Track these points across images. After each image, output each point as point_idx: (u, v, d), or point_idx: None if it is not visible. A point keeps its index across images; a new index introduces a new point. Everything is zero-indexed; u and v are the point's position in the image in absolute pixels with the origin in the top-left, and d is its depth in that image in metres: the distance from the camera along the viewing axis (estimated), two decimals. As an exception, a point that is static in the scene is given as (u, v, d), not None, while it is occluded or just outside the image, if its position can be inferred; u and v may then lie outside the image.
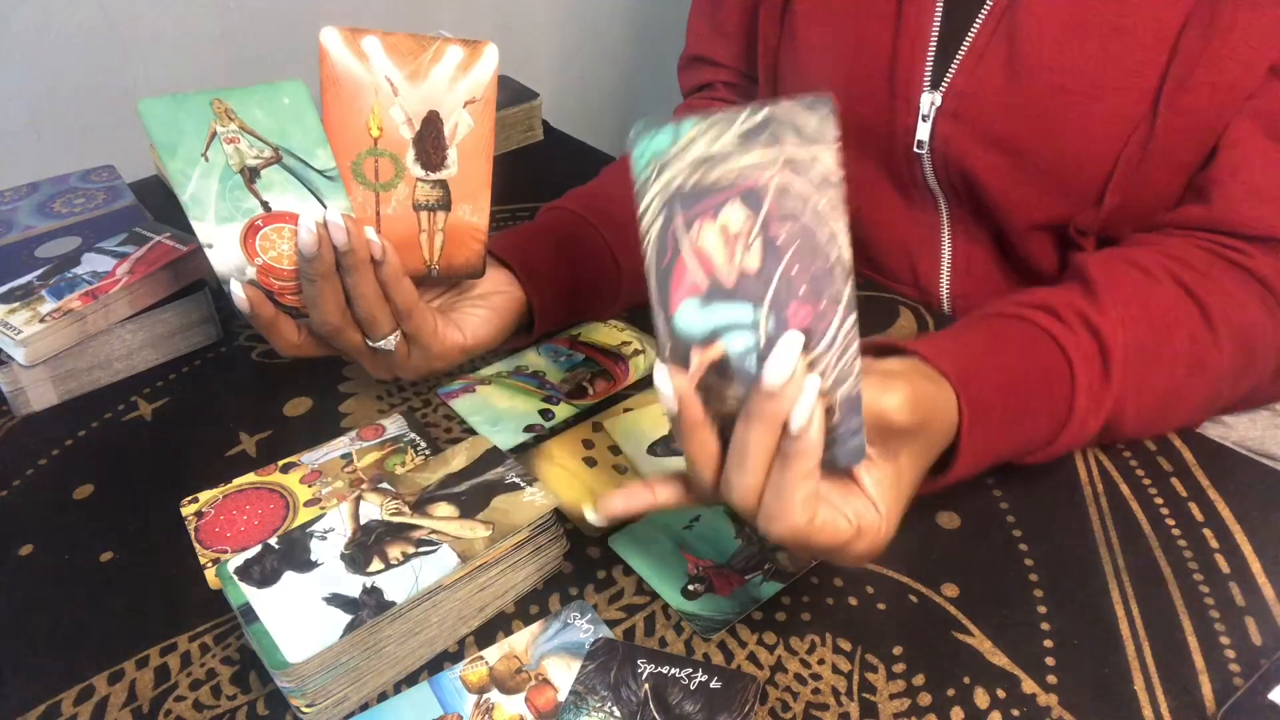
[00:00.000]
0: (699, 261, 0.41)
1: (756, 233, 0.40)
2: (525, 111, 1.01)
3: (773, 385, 0.40)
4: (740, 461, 0.42)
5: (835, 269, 0.40)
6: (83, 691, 0.50)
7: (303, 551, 0.50)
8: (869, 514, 0.45)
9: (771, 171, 0.39)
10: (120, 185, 0.89)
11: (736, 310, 0.41)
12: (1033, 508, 0.57)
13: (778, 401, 0.40)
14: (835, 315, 0.40)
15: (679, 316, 0.42)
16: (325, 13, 1.27)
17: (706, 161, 0.40)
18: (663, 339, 0.42)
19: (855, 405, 0.42)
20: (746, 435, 0.41)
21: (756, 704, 0.46)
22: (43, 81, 1.11)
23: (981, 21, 0.63)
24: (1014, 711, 0.46)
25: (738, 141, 0.39)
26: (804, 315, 0.40)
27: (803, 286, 0.40)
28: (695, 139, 0.40)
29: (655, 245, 0.41)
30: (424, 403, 0.67)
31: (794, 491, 0.41)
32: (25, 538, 0.59)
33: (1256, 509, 0.56)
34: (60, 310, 0.67)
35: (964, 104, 0.65)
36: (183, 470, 0.63)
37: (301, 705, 0.46)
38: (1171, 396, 0.58)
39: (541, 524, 0.52)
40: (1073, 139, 0.61)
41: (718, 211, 0.40)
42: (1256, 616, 0.50)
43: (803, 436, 0.40)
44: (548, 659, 0.49)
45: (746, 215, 0.40)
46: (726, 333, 0.42)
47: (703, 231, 0.41)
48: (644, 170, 0.41)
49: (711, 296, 0.41)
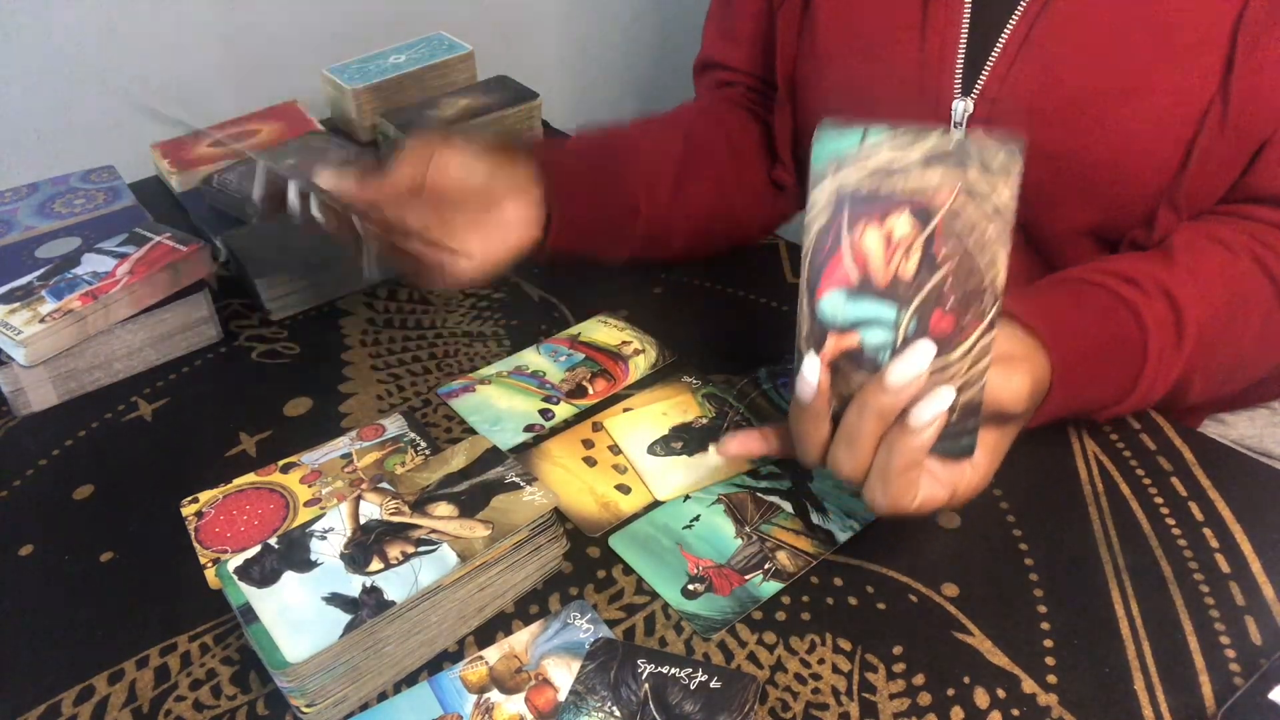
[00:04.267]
0: (855, 257, 0.44)
1: (919, 245, 0.42)
2: (525, 111, 1.01)
3: (895, 384, 0.43)
4: (850, 442, 0.46)
5: (987, 292, 0.42)
6: (83, 691, 0.50)
7: (302, 551, 0.50)
8: (965, 475, 0.48)
9: (947, 194, 0.42)
10: (120, 185, 0.89)
11: (881, 308, 0.44)
12: (1033, 508, 0.57)
13: (894, 398, 0.44)
14: (976, 331, 0.43)
15: (824, 302, 0.45)
16: (325, 13, 1.27)
17: (886, 172, 0.42)
18: (803, 320, 0.46)
19: (975, 409, 0.45)
20: (860, 421, 0.45)
21: (756, 704, 0.46)
22: (43, 81, 1.11)
23: (1014, 26, 0.62)
24: (1014, 711, 0.46)
25: (922, 160, 0.42)
26: (946, 324, 0.43)
27: (951, 299, 0.43)
28: (879, 147, 0.42)
29: (816, 236, 0.44)
30: (424, 403, 0.67)
31: (899, 476, 0.45)
32: (25, 538, 0.59)
33: (1256, 509, 0.56)
34: (60, 310, 0.67)
35: (997, 110, 0.63)
36: (183, 470, 0.63)
37: (301, 705, 0.46)
38: (1236, 369, 0.61)
39: (541, 524, 0.52)
40: (1113, 143, 0.60)
41: (885, 217, 0.43)
42: (1256, 616, 0.50)
43: (919, 433, 0.44)
44: (548, 659, 0.49)
45: (913, 226, 0.42)
46: (866, 326, 0.44)
47: (866, 232, 0.43)
48: (822, 166, 0.43)
49: (861, 291, 0.44)
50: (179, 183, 0.93)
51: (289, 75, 1.26)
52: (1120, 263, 0.59)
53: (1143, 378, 0.56)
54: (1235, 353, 0.59)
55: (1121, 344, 0.56)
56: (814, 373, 0.46)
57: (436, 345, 0.73)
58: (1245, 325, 0.58)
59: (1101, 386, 0.56)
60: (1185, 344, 0.56)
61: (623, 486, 0.60)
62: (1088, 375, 0.54)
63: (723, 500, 0.58)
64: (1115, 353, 0.56)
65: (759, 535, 0.56)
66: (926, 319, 0.43)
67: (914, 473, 0.46)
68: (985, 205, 0.42)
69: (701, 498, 0.58)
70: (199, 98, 1.22)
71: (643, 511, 0.58)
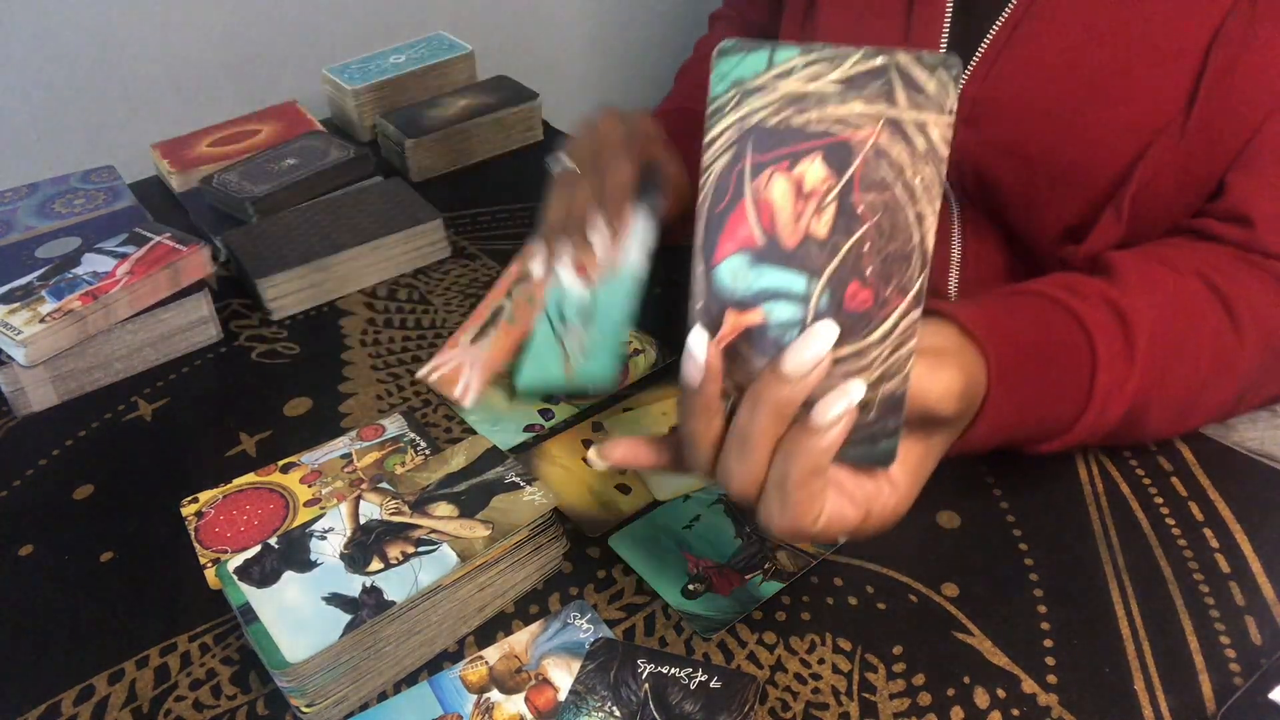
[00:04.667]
0: (760, 213, 0.36)
1: (834, 196, 0.36)
2: (525, 111, 1.01)
3: (792, 372, 0.36)
4: (741, 447, 0.39)
5: (913, 255, 0.36)
6: (83, 691, 0.50)
7: (302, 551, 0.50)
8: (882, 494, 0.42)
9: (870, 129, 0.35)
10: (120, 185, 0.89)
11: (789, 277, 0.37)
12: (1033, 508, 0.57)
13: (792, 390, 0.37)
14: (899, 306, 0.36)
15: (722, 269, 0.37)
16: (324, 13, 1.27)
17: (799, 100, 0.35)
18: (697, 293, 0.38)
19: (897, 405, 0.38)
20: (751, 420, 0.38)
21: (756, 704, 0.46)
22: (43, 81, 1.11)
23: (998, 28, 0.63)
24: (1014, 711, 0.46)
25: (841, 85, 0.35)
26: (863, 299, 0.36)
27: (870, 267, 0.36)
28: (792, 70, 0.35)
29: (714, 184, 0.37)
30: (424, 403, 0.67)
31: (798, 488, 0.38)
32: (25, 538, 0.59)
33: (1256, 509, 0.56)
34: (60, 310, 0.67)
35: (979, 110, 0.64)
36: (183, 470, 0.63)
37: (301, 705, 0.46)
38: (1196, 392, 0.56)
39: (541, 524, 0.52)
40: (1086, 148, 0.61)
41: (795, 163, 0.36)
42: (1256, 616, 0.50)
43: (823, 434, 0.37)
44: (548, 659, 0.49)
45: (827, 174, 0.35)
46: (771, 300, 0.37)
47: (773, 180, 0.36)
48: (722, 95, 0.36)
49: (765, 256, 0.37)
50: (179, 183, 0.93)
51: (289, 75, 1.27)
52: (1056, 276, 0.55)
53: (1096, 388, 0.50)
54: (1192, 376, 0.54)
55: (1065, 347, 0.51)
56: (701, 348, 0.38)
57: (436, 345, 0.73)
58: (1198, 347, 0.54)
59: (1050, 394, 0.51)
60: (1137, 357, 0.52)
61: (623, 486, 0.60)
62: (1032, 377, 0.49)
63: (723, 500, 0.58)
64: (1060, 356, 0.50)
65: (759, 535, 0.56)
66: (841, 291, 0.36)
67: (816, 484, 0.38)
68: (915, 143, 0.35)
69: (701, 498, 0.58)
70: (199, 98, 1.22)
71: (643, 511, 0.58)
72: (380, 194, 0.86)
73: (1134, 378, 0.52)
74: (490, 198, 0.92)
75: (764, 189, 0.36)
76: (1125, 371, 0.51)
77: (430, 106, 1.00)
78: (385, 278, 0.81)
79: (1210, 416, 0.59)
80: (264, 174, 0.88)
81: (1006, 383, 0.47)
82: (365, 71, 1.03)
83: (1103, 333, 0.51)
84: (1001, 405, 0.47)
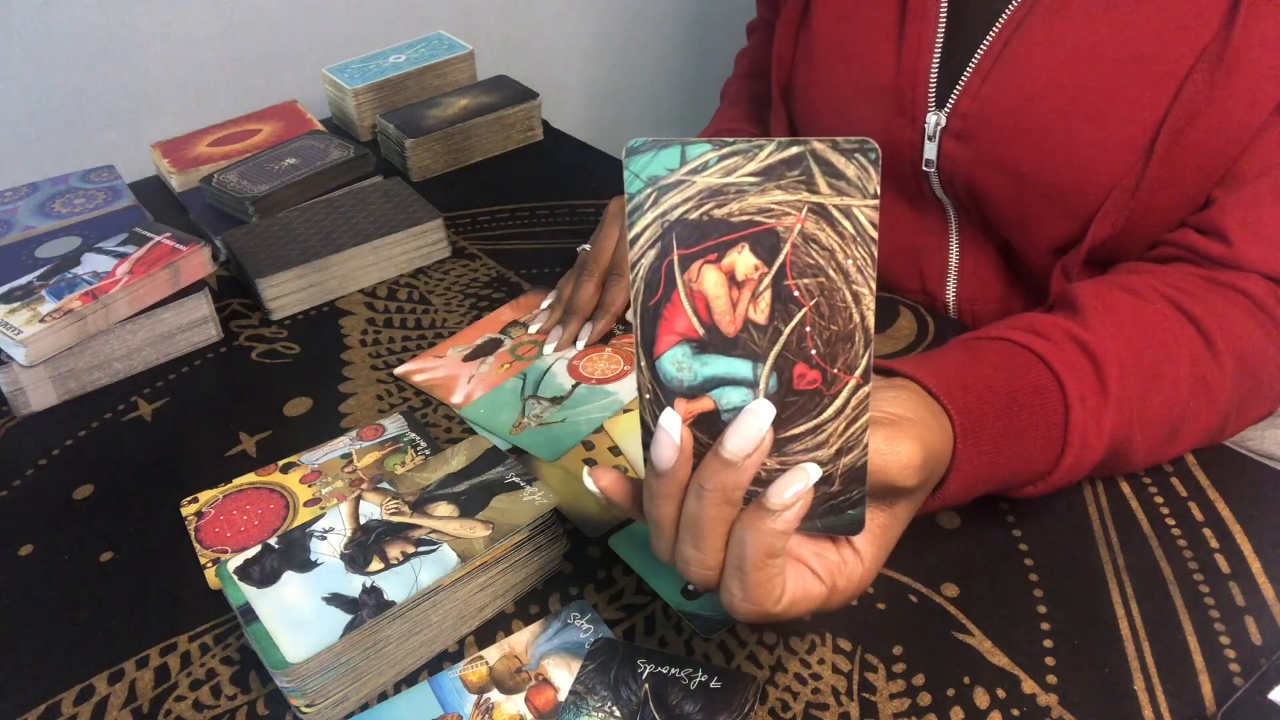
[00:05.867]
0: (695, 304, 0.37)
1: (768, 283, 0.36)
2: (525, 111, 1.01)
3: (734, 454, 0.36)
4: (694, 534, 0.38)
5: (855, 334, 0.36)
6: (83, 691, 0.50)
7: (302, 551, 0.50)
8: (847, 565, 0.41)
9: (794, 217, 0.35)
10: (120, 185, 0.89)
11: (734, 364, 0.37)
12: (1033, 508, 0.57)
13: (735, 474, 0.37)
14: (849, 383, 0.36)
15: (665, 361, 0.37)
16: (324, 13, 1.27)
17: (718, 193, 0.35)
18: (644, 386, 0.38)
19: (859, 475, 0.38)
20: (700, 506, 0.37)
21: (756, 704, 0.46)
22: (43, 81, 1.11)
23: (989, 44, 0.63)
24: (1014, 711, 0.46)
25: (759, 176, 0.35)
26: (812, 378, 0.37)
27: (814, 349, 0.36)
28: (706, 165, 0.35)
29: (645, 280, 0.37)
30: (424, 402, 0.67)
31: (755, 570, 0.37)
32: (25, 538, 0.59)
33: (1256, 509, 0.56)
34: (60, 310, 0.67)
35: (969, 125, 0.64)
36: (183, 470, 0.63)
37: (301, 705, 0.46)
38: (1178, 420, 0.55)
39: (541, 524, 0.52)
40: (1074, 165, 0.61)
41: (723, 254, 0.36)
42: (1256, 616, 0.50)
43: (778, 516, 0.37)
44: (548, 659, 0.49)
45: (758, 263, 0.36)
46: (719, 387, 0.37)
47: (703, 272, 0.36)
48: (639, 193, 0.36)
49: (707, 345, 0.37)
50: (179, 183, 0.93)
51: (289, 75, 1.27)
52: (1019, 318, 0.55)
53: (1071, 429, 0.50)
54: (1172, 400, 0.54)
55: (1034, 391, 0.50)
56: (675, 428, 0.37)
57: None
58: (1175, 371, 0.53)
59: (1023, 442, 0.49)
60: (1110, 390, 0.51)
61: (623, 486, 0.60)
62: (999, 429, 0.48)
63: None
64: (1029, 401, 0.50)
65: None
66: (789, 372, 0.37)
67: (774, 565, 0.38)
68: (843, 226, 0.35)
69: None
70: (199, 98, 1.22)
71: (643, 511, 0.58)
72: (380, 194, 0.86)
73: (1109, 412, 0.51)
74: (490, 198, 0.92)
75: (695, 281, 0.36)
76: (1099, 407, 0.51)
77: (430, 106, 1.00)
78: (385, 278, 0.81)
79: (1197, 441, 0.58)
80: (264, 174, 0.88)
81: (973, 438, 0.47)
82: (365, 71, 1.03)
83: (1071, 373, 0.51)
84: (972, 460, 0.47)
